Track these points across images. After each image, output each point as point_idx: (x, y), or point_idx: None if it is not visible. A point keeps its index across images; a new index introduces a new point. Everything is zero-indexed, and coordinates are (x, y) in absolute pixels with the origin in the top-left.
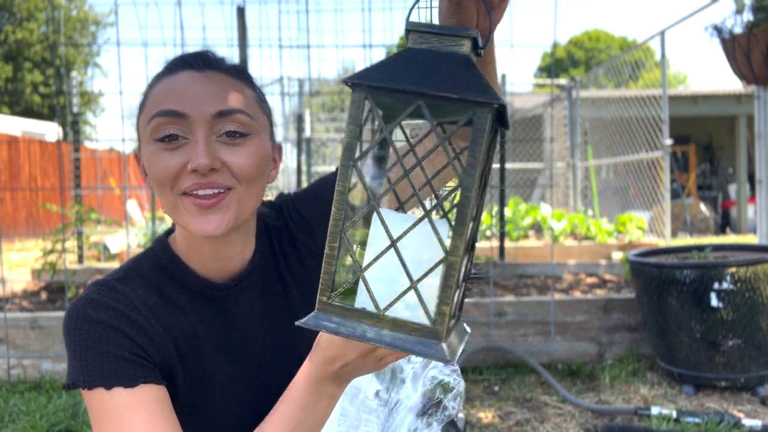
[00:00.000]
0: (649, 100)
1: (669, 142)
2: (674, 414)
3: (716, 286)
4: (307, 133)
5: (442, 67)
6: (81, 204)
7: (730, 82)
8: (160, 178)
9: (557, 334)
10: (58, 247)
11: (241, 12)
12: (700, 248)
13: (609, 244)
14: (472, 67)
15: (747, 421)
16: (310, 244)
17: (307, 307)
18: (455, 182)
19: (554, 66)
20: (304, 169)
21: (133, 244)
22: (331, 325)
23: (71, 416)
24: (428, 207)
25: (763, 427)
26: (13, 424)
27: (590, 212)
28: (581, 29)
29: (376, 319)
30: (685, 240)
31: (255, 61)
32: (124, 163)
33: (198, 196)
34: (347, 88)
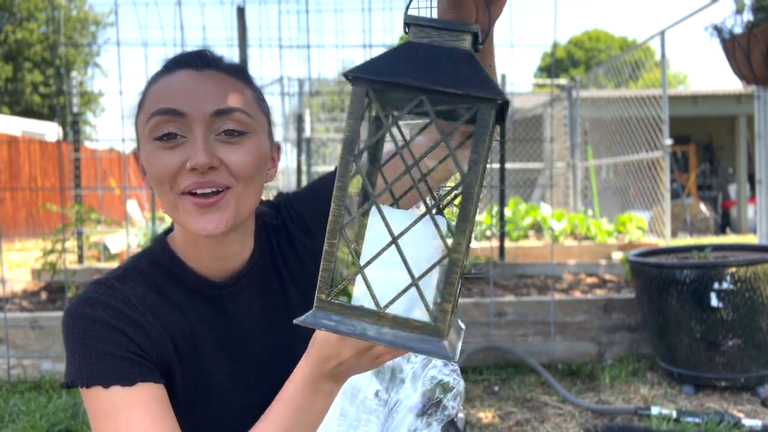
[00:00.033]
0: (649, 100)
1: (669, 142)
2: (674, 414)
3: (716, 286)
4: (307, 133)
5: (444, 62)
6: (81, 204)
7: (730, 82)
8: (159, 176)
9: (557, 334)
10: (58, 247)
11: (241, 12)
12: (700, 248)
13: (609, 244)
14: (474, 62)
15: (747, 421)
16: (308, 243)
17: (305, 306)
18: (455, 180)
19: (554, 66)
20: (304, 169)
21: (133, 244)
22: (330, 323)
23: (71, 416)
24: (426, 204)
25: (763, 427)
26: (13, 424)
27: (590, 212)
28: (581, 29)
29: (377, 316)
30: (685, 240)
31: (255, 61)
32: (124, 163)
33: (197, 195)
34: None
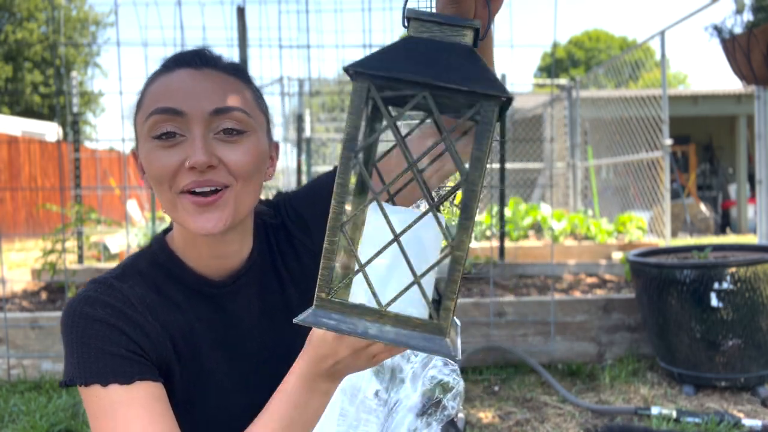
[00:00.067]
0: (649, 100)
1: (669, 142)
2: (674, 414)
3: (716, 286)
4: (307, 133)
5: (446, 57)
6: (81, 204)
7: (730, 82)
8: (157, 175)
9: (557, 334)
10: (58, 247)
11: (241, 12)
12: (700, 248)
13: (609, 244)
14: (477, 58)
15: (747, 421)
16: (307, 242)
17: (304, 305)
18: (455, 180)
19: (554, 66)
20: (304, 169)
21: (133, 244)
22: (331, 322)
23: (71, 416)
24: (430, 201)
25: (763, 427)
26: (13, 424)
27: (590, 212)
28: (581, 29)
29: (378, 315)
30: (685, 240)
31: (255, 61)
32: (124, 163)
33: (196, 194)
34: (347, 88)
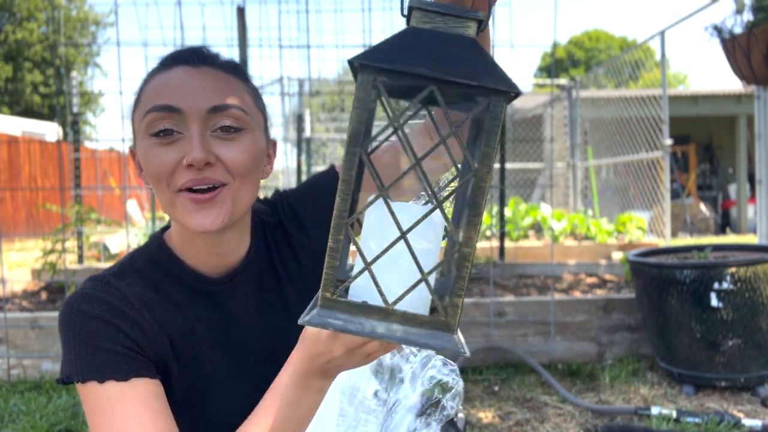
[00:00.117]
0: (649, 100)
1: (669, 142)
2: (674, 414)
3: (716, 286)
4: (307, 133)
5: (452, 50)
6: (81, 204)
7: (730, 82)
8: (155, 173)
9: (557, 334)
10: (58, 247)
11: (241, 12)
12: (700, 248)
13: (609, 244)
14: (482, 51)
15: (747, 421)
16: (304, 240)
17: (301, 304)
18: (451, 174)
19: (554, 66)
20: (304, 169)
21: (133, 244)
22: (338, 322)
23: (71, 416)
24: (436, 198)
25: (763, 427)
26: (13, 424)
27: (590, 212)
28: (581, 29)
29: (385, 313)
30: (685, 240)
31: (255, 61)
32: (124, 163)
33: (194, 191)
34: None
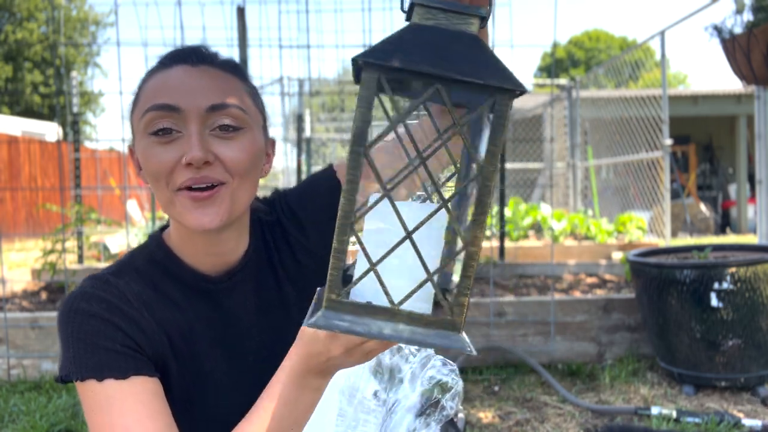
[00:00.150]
0: (649, 100)
1: (669, 142)
2: (674, 414)
3: (716, 286)
4: (307, 133)
5: (456, 47)
6: (81, 204)
7: (730, 82)
8: (155, 172)
9: (557, 334)
10: (58, 247)
11: (241, 12)
12: (700, 248)
13: (609, 244)
14: (486, 48)
15: (747, 421)
16: (302, 239)
17: (300, 303)
18: (449, 171)
19: (554, 66)
20: (304, 169)
21: (133, 244)
22: (344, 323)
23: (71, 416)
24: (442, 197)
25: (763, 427)
26: (13, 424)
27: (590, 212)
28: (581, 29)
29: (390, 314)
30: (685, 240)
31: (255, 61)
32: (124, 163)
33: (192, 190)
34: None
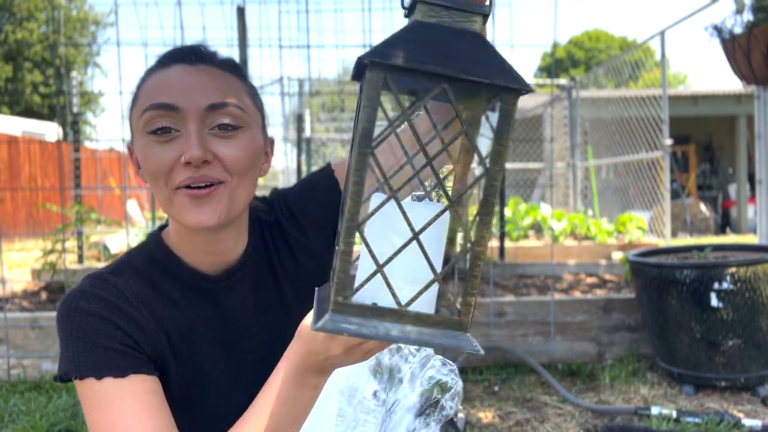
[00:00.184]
0: (649, 100)
1: (669, 142)
2: (674, 414)
3: (716, 286)
4: (307, 133)
5: (460, 46)
6: (81, 204)
7: (730, 82)
8: (153, 171)
9: (557, 334)
10: (58, 247)
11: (241, 12)
12: (700, 248)
13: (609, 244)
14: (490, 47)
15: (747, 421)
16: (301, 239)
17: (298, 302)
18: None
19: (554, 66)
20: (304, 169)
21: (133, 244)
22: (352, 326)
23: (71, 416)
24: (448, 197)
25: (763, 427)
26: (13, 424)
27: (590, 212)
28: (581, 29)
29: (398, 315)
30: (685, 240)
31: (255, 61)
32: (124, 163)
33: (191, 188)
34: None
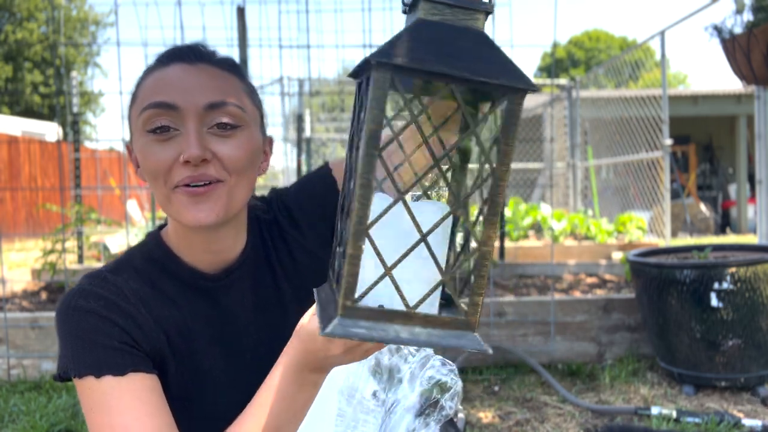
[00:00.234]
0: (649, 100)
1: (669, 142)
2: (674, 414)
3: (716, 286)
4: (307, 133)
5: (465, 45)
6: (81, 204)
7: (730, 82)
8: (152, 170)
9: (557, 334)
10: (58, 247)
11: (241, 12)
12: (700, 248)
13: (609, 244)
14: (495, 46)
15: (747, 421)
16: (299, 238)
17: (297, 301)
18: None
19: (554, 66)
20: (304, 169)
21: (133, 244)
22: (361, 330)
23: (71, 416)
24: (455, 196)
25: (763, 427)
26: (13, 424)
27: (590, 212)
28: (581, 29)
29: (406, 317)
30: (685, 240)
31: (255, 61)
32: (124, 163)
33: (190, 187)
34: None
